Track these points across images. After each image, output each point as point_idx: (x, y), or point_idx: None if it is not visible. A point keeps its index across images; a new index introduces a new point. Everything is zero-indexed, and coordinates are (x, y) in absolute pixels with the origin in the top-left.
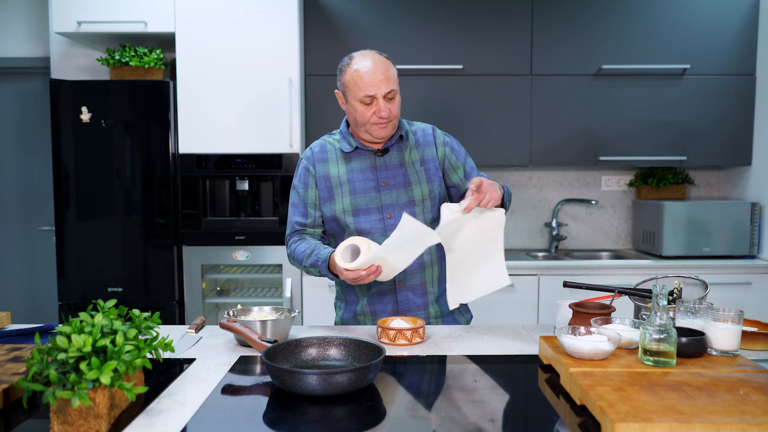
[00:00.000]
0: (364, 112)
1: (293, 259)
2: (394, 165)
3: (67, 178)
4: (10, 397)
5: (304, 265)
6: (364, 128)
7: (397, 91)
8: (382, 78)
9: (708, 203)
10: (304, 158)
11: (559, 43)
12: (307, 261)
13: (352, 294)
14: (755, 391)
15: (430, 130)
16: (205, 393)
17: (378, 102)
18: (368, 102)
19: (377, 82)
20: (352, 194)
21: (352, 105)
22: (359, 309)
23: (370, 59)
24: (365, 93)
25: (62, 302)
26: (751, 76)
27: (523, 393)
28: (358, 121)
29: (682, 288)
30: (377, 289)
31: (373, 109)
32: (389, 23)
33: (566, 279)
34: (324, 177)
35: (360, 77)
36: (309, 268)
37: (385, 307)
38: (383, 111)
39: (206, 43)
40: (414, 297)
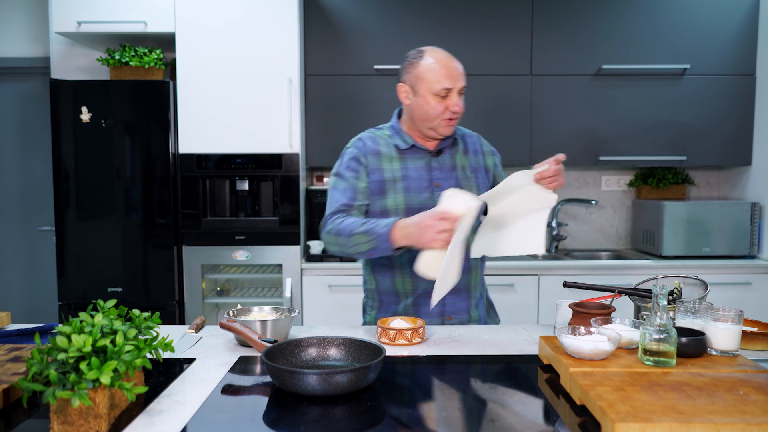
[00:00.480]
0: (437, 106)
1: (336, 232)
2: (448, 167)
3: (67, 178)
4: (10, 397)
5: (353, 233)
6: (430, 123)
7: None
8: (458, 72)
9: (708, 203)
10: (354, 147)
11: (559, 43)
12: (359, 228)
13: (391, 294)
14: (755, 391)
15: (476, 137)
16: (205, 393)
17: (453, 96)
18: (443, 95)
19: (456, 75)
20: (405, 192)
21: (423, 98)
22: (401, 310)
23: (444, 53)
24: (443, 85)
25: (62, 302)
26: (751, 76)
27: (523, 393)
28: (428, 115)
29: (682, 288)
30: (423, 290)
31: (446, 104)
32: (389, 23)
33: (566, 279)
34: (377, 170)
35: (439, 69)
36: (358, 236)
37: (433, 309)
38: (457, 105)
39: (206, 43)
40: (459, 300)
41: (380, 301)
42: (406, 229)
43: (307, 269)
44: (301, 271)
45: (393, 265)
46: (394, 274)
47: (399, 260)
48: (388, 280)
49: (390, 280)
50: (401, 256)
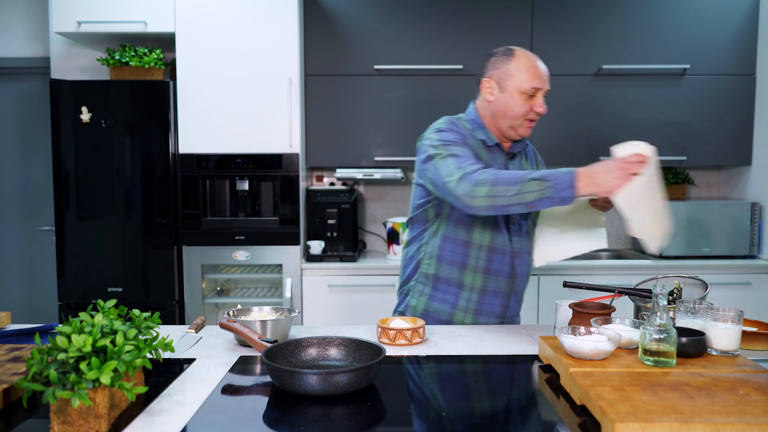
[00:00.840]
0: (523, 105)
1: (493, 181)
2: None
3: (67, 178)
4: (10, 397)
5: (524, 179)
6: (512, 122)
7: None
8: (547, 74)
9: (708, 203)
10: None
11: (559, 43)
12: (530, 175)
13: (452, 285)
14: (755, 391)
15: (531, 146)
16: (205, 393)
17: (539, 97)
18: (531, 94)
19: (545, 77)
20: None
21: (510, 95)
22: (462, 304)
23: (535, 55)
24: (533, 84)
25: (62, 302)
26: (751, 76)
27: (523, 393)
28: (512, 113)
29: (682, 288)
30: (494, 289)
31: (531, 103)
32: (389, 23)
33: (566, 279)
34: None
35: (532, 68)
36: (531, 182)
37: (494, 309)
38: (541, 107)
39: (206, 43)
40: (515, 305)
41: (434, 288)
42: (592, 176)
43: (307, 269)
44: (301, 271)
45: (468, 257)
46: (465, 267)
47: (477, 255)
48: (456, 270)
49: (458, 271)
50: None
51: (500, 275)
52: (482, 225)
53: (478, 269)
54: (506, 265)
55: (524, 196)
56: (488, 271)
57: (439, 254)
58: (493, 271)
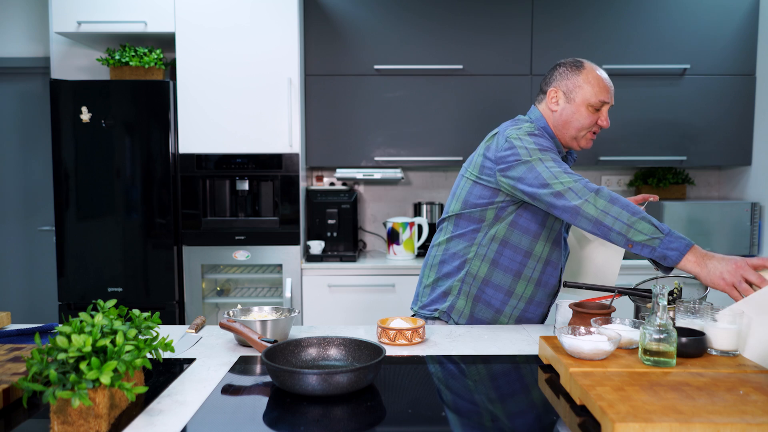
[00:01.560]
0: (588, 117)
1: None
2: None
3: (67, 178)
4: (10, 397)
5: (638, 215)
6: (576, 134)
7: None
8: (613, 90)
9: (708, 203)
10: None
11: (559, 43)
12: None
13: (501, 291)
14: (755, 391)
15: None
16: (205, 393)
17: (604, 111)
18: (598, 108)
19: (612, 92)
20: None
21: (576, 107)
22: (507, 310)
23: (600, 68)
24: (601, 98)
25: (62, 302)
26: (751, 76)
27: (523, 393)
28: (578, 124)
29: (682, 288)
30: (539, 299)
31: (596, 117)
32: (389, 23)
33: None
34: None
35: (601, 82)
36: (644, 223)
37: (534, 317)
38: (606, 121)
39: (206, 43)
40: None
41: (482, 291)
42: (705, 258)
43: (307, 269)
44: (301, 271)
45: (524, 267)
46: (520, 276)
47: (534, 266)
48: (510, 278)
49: (512, 278)
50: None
51: (548, 286)
52: (546, 238)
53: (531, 280)
54: (554, 277)
55: (633, 231)
56: (540, 282)
57: (495, 258)
58: (543, 282)
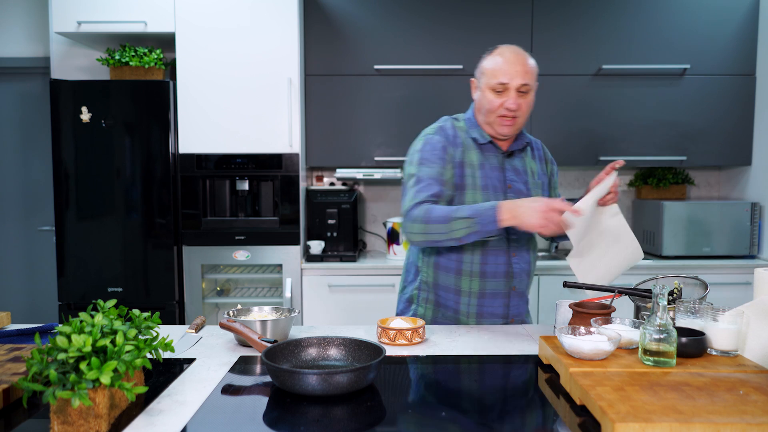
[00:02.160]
0: (493, 101)
1: (425, 219)
2: (518, 170)
3: (67, 178)
4: (10, 397)
5: (452, 218)
6: (488, 118)
7: (533, 89)
8: (519, 69)
9: (708, 203)
10: (437, 134)
11: (559, 43)
12: (457, 213)
13: (451, 292)
14: (755, 391)
15: (541, 144)
16: (205, 393)
17: (509, 92)
18: (500, 90)
19: (513, 72)
20: (483, 189)
21: (483, 92)
22: (464, 309)
23: (513, 50)
24: (498, 80)
25: (62, 302)
26: (751, 76)
27: (523, 393)
28: (485, 109)
29: (682, 288)
30: (492, 291)
31: (502, 100)
32: (389, 23)
33: (566, 279)
34: (460, 163)
35: (498, 64)
36: (458, 221)
37: (496, 311)
38: (512, 102)
39: (206, 43)
40: (521, 303)
41: (437, 295)
42: (515, 209)
43: (307, 269)
44: (301, 271)
45: (462, 263)
46: (461, 273)
47: (471, 260)
48: (452, 277)
49: (454, 278)
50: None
51: (497, 276)
52: None
53: (473, 274)
54: (502, 264)
55: (454, 233)
56: (484, 274)
57: (436, 261)
58: (489, 273)
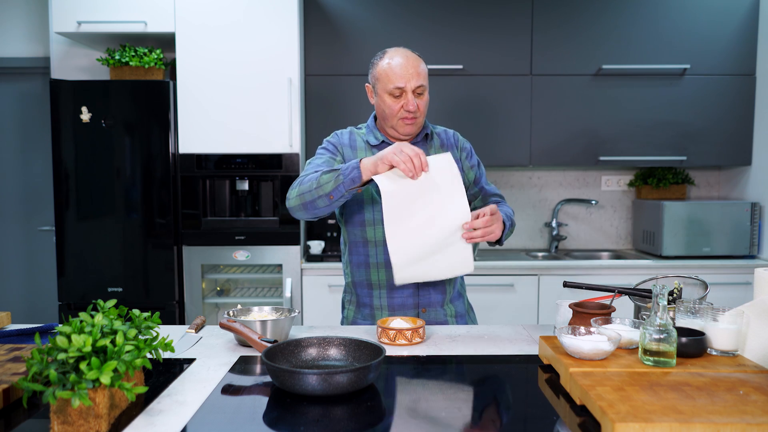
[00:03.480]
0: (393, 105)
1: (299, 186)
2: None
3: (67, 178)
4: (10, 397)
5: (319, 176)
6: (391, 122)
7: (426, 89)
8: (413, 72)
9: (708, 203)
10: (332, 138)
11: (559, 43)
12: (322, 175)
13: (365, 287)
14: (755, 391)
15: (452, 133)
16: (205, 393)
17: (407, 95)
18: (397, 95)
19: (408, 75)
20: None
21: (381, 97)
22: (377, 303)
23: (403, 54)
24: (395, 85)
25: (62, 302)
26: (751, 76)
27: (523, 393)
28: (386, 114)
29: (682, 288)
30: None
31: (401, 103)
32: (389, 23)
33: (566, 279)
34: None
35: (392, 69)
36: (324, 176)
37: (406, 301)
38: (411, 104)
39: (206, 43)
40: (435, 293)
41: (357, 295)
42: (375, 157)
43: (307, 269)
44: (301, 271)
45: (368, 256)
46: (369, 266)
47: (375, 252)
48: (363, 272)
49: (365, 271)
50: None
51: None
52: (372, 221)
53: (379, 265)
54: None
55: (323, 187)
56: (388, 264)
57: (350, 260)
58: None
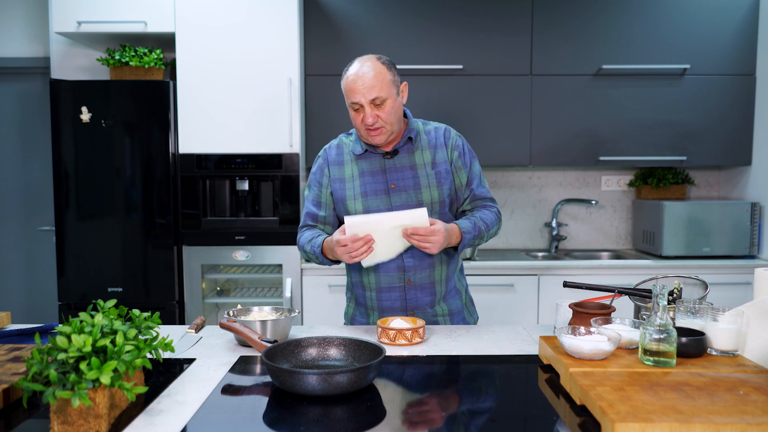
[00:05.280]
0: (355, 118)
1: (300, 246)
2: (404, 167)
3: (67, 178)
4: (10, 397)
5: (306, 251)
6: (360, 134)
7: (390, 97)
8: (366, 85)
9: (708, 203)
10: (321, 158)
11: (559, 43)
12: (307, 247)
13: (359, 287)
14: (755, 391)
15: (443, 130)
16: (205, 393)
17: (364, 109)
18: (356, 109)
19: (362, 89)
20: (363, 197)
21: (349, 111)
22: (369, 303)
23: (360, 66)
24: (351, 100)
25: (62, 302)
26: (751, 76)
27: (523, 393)
28: (355, 125)
29: (682, 288)
30: (387, 285)
31: (361, 116)
32: (389, 23)
33: (566, 279)
34: (338, 179)
35: (348, 84)
36: (309, 254)
37: (394, 304)
38: (368, 118)
39: (206, 43)
40: (422, 295)
41: (356, 293)
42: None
43: (307, 269)
44: (301, 271)
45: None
46: (361, 269)
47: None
48: (358, 273)
49: (359, 274)
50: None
51: (389, 271)
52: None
53: (369, 269)
54: (393, 260)
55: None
56: (377, 268)
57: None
58: (381, 268)
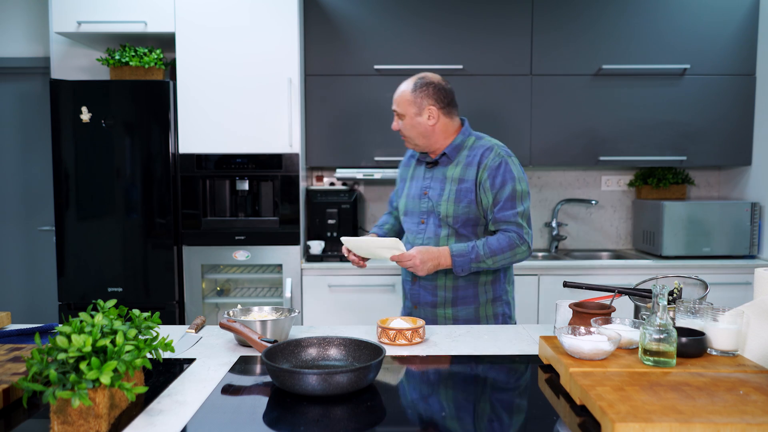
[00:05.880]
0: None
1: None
2: (438, 178)
3: (67, 178)
4: (10, 397)
5: None
6: None
7: (407, 115)
8: (395, 98)
9: (708, 203)
10: (405, 155)
11: (559, 43)
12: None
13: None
14: (755, 391)
15: (485, 149)
16: (205, 393)
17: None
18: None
19: (394, 99)
20: (407, 197)
21: None
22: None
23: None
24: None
25: (62, 302)
26: (751, 76)
27: (523, 393)
28: None
29: (682, 288)
30: (405, 277)
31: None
32: (389, 23)
33: (566, 279)
34: (402, 178)
35: None
36: None
37: (408, 293)
38: (394, 123)
39: (206, 43)
40: (425, 294)
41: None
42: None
43: (307, 269)
44: (301, 271)
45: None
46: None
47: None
48: (403, 270)
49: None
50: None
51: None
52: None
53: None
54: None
55: None
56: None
57: None
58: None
